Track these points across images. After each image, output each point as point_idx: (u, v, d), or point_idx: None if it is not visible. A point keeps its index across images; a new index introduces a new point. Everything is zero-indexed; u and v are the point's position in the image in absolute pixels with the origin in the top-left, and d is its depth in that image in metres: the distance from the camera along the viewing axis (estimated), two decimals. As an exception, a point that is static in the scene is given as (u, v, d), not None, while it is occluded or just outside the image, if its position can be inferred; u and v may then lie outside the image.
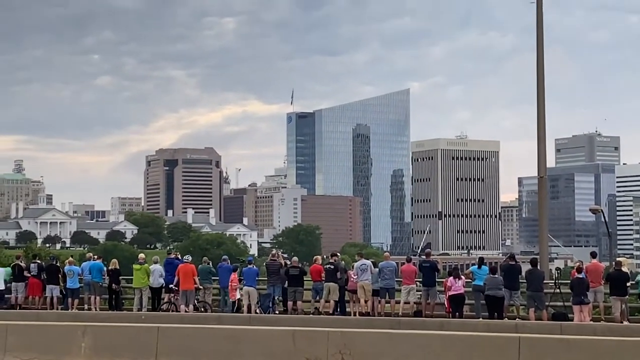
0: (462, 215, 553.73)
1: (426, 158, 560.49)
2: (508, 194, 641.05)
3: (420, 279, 44.49)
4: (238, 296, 45.04)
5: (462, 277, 42.83)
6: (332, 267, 44.41)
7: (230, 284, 45.13)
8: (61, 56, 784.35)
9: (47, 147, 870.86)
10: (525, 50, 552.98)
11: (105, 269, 47.77)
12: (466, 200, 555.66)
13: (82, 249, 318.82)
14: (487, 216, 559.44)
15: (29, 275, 47.79)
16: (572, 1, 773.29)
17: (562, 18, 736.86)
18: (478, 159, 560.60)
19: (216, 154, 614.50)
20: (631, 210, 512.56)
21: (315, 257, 48.40)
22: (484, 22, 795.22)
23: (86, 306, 47.11)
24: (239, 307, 45.00)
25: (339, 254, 46.98)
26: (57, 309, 46.63)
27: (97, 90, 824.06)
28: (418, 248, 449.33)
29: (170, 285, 45.52)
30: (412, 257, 47.48)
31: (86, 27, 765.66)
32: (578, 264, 42.21)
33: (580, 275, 40.17)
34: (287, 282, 44.91)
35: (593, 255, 43.73)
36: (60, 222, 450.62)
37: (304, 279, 45.40)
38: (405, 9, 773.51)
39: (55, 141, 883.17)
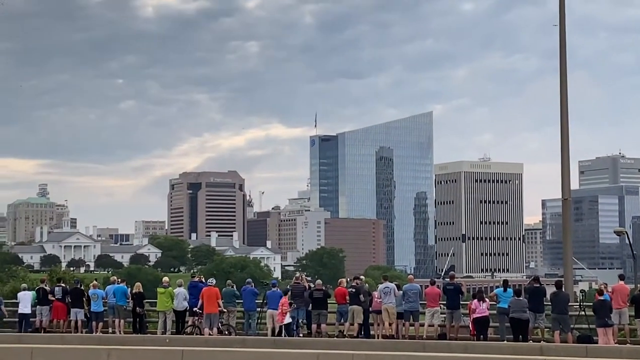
0: (486, 238, 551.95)
1: (449, 181, 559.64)
2: (532, 217, 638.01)
3: (445, 302, 44.36)
4: (288, 320, 44.51)
5: (487, 299, 42.67)
6: (353, 290, 44.41)
7: (280, 307, 44.61)
8: (86, 80, 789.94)
9: (71, 171, 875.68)
10: (549, 72, 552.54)
11: (129, 292, 47.93)
12: (490, 222, 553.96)
13: (106, 272, 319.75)
14: (511, 238, 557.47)
15: (53, 298, 48.00)
16: (595, 24, 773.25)
17: (585, 41, 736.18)
18: (502, 181, 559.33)
19: (239, 177, 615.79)
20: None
21: (339, 280, 48.39)
22: (507, 45, 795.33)
23: (110, 329, 47.25)
24: (289, 333, 44.34)
25: (362, 277, 46.92)
26: (82, 332, 46.83)
27: (121, 114, 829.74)
28: (442, 271, 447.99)
29: (195, 309, 45.60)
30: (436, 279, 47.31)
31: (110, 52, 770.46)
32: (600, 286, 42.00)
33: (602, 298, 39.95)
34: (311, 305, 44.89)
35: (621, 277, 43.53)
36: (85, 246, 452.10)
37: (328, 301, 45.37)
38: (428, 31, 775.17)
39: (80, 165, 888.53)
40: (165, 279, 48.97)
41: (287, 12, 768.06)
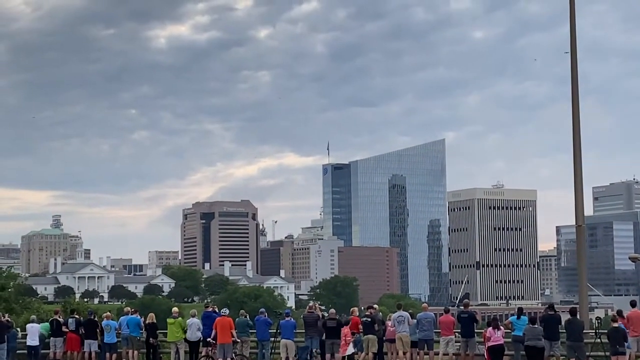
0: (500, 265, 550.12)
1: (463, 208, 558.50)
2: (546, 243, 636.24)
3: (459, 330, 44.13)
4: (351, 351, 43.92)
5: (502, 327, 42.37)
6: (369, 320, 44.16)
7: (343, 338, 43.85)
8: (99, 111, 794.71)
9: (85, 201, 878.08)
10: (561, 99, 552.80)
11: (142, 323, 47.81)
12: (504, 249, 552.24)
13: (119, 303, 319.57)
14: (526, 266, 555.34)
15: (67, 330, 47.91)
16: (606, 49, 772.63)
17: (596, 66, 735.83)
18: (515, 208, 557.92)
19: (252, 206, 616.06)
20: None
21: (352, 309, 48.12)
22: (518, 72, 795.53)
23: (124, 360, 47.16)
24: None
25: (376, 306, 46.72)
26: (96, 364, 46.75)
27: (134, 144, 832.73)
28: (456, 298, 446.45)
29: (208, 339, 45.43)
30: (450, 307, 47.03)
31: (123, 83, 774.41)
32: (614, 314, 41.71)
33: (615, 325, 39.67)
34: (324, 334, 44.67)
35: (632, 304, 43.16)
36: (98, 277, 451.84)
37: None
38: (439, 59, 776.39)
39: (93, 196, 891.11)
40: (175, 309, 48.77)
41: (299, 41, 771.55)
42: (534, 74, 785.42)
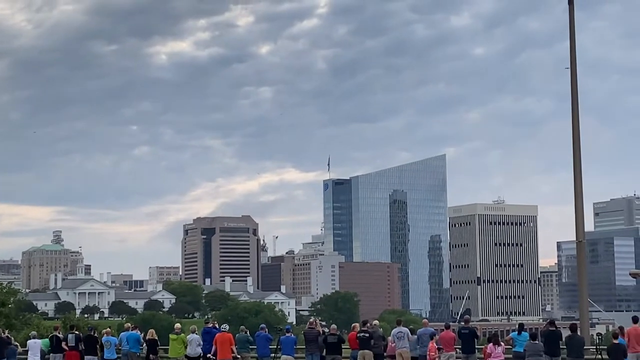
0: (501, 281, 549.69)
1: (464, 223, 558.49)
2: (547, 259, 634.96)
3: (460, 346, 44.04)
4: None
5: (502, 343, 42.32)
6: (367, 335, 44.03)
7: (429, 353, 43.54)
8: (100, 127, 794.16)
9: (85, 217, 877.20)
10: (561, 115, 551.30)
11: (142, 338, 47.72)
12: (505, 265, 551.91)
13: (120, 319, 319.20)
14: (527, 281, 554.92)
15: (66, 347, 47.75)
16: (607, 66, 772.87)
17: (597, 83, 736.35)
18: (516, 223, 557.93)
19: (253, 222, 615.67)
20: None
21: (353, 324, 48.04)
22: (519, 88, 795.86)
23: (124, 377, 47.03)
24: None
25: (376, 322, 46.66)
26: (95, 380, 46.61)
27: (135, 160, 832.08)
28: (457, 314, 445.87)
29: (208, 355, 45.36)
30: (451, 323, 46.95)
31: (125, 99, 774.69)
32: (616, 330, 41.64)
33: (616, 341, 39.56)
34: (325, 350, 44.56)
35: (634, 320, 43.07)
36: (99, 293, 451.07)
37: (343, 346, 45.04)
38: (439, 75, 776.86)
39: (94, 211, 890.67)
40: (177, 325, 48.74)
41: (300, 57, 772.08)
42: (534, 90, 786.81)
